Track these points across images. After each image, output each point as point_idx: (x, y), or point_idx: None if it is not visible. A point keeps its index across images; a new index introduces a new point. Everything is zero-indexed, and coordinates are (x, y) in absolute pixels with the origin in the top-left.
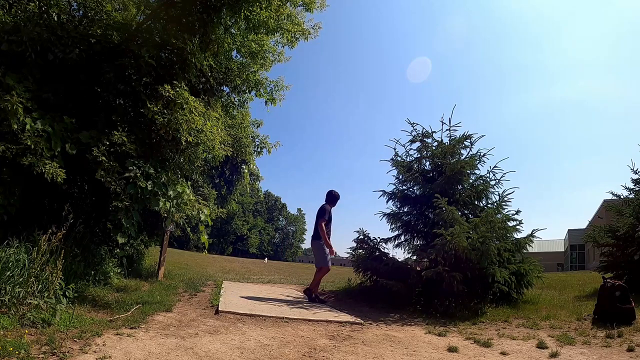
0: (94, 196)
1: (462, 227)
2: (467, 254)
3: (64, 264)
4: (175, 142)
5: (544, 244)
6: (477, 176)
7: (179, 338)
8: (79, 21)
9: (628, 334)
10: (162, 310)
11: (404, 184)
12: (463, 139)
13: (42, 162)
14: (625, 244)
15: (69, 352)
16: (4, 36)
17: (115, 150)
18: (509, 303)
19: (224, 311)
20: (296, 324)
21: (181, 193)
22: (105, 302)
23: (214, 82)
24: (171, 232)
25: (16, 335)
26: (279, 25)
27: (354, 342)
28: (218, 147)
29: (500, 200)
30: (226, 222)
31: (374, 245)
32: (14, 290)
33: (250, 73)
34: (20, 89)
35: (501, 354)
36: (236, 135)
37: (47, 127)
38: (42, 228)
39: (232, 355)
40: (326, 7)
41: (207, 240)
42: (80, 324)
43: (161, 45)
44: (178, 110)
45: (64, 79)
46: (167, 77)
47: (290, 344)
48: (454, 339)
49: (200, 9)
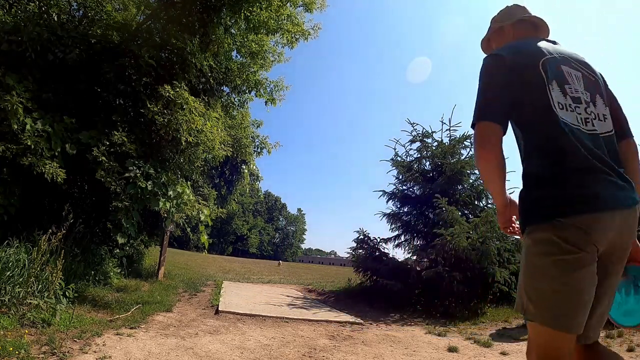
0: (94, 196)
1: (462, 227)
2: (467, 254)
3: (64, 264)
4: (175, 142)
5: None
6: (477, 176)
7: (179, 338)
8: (79, 21)
9: (628, 334)
10: (162, 310)
11: (404, 184)
12: (463, 139)
13: (42, 162)
14: None
15: (69, 352)
16: (4, 36)
17: (115, 150)
18: (509, 303)
19: (224, 311)
20: (296, 324)
21: (181, 193)
22: (105, 302)
23: (214, 82)
24: (171, 232)
25: (16, 335)
26: (279, 25)
27: (354, 342)
28: (218, 147)
29: None
30: (226, 222)
31: (374, 245)
32: (14, 290)
33: (250, 73)
34: (20, 89)
35: (501, 354)
36: (236, 135)
37: (47, 127)
38: (42, 228)
39: (232, 355)
40: (326, 7)
41: (207, 240)
42: (80, 324)
43: (161, 45)
44: (178, 111)
45: (64, 79)
46: (167, 77)
47: (290, 344)
48: (454, 339)
49: (200, 9)
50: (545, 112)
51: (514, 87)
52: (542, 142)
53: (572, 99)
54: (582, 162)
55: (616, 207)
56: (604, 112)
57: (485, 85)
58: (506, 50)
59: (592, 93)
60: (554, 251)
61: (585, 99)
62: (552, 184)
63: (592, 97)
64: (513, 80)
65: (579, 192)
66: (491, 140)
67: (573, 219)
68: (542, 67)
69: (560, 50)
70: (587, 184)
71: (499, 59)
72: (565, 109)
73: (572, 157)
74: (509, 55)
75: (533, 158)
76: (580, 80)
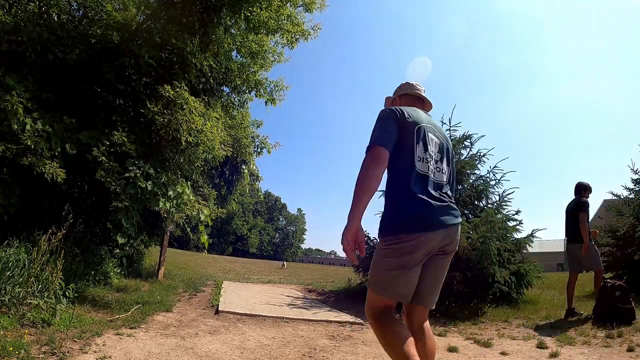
0: (94, 196)
1: (462, 227)
2: (467, 254)
3: (64, 264)
4: (175, 142)
5: (544, 244)
6: (477, 176)
7: (179, 338)
8: (79, 21)
9: (628, 334)
10: (162, 310)
11: None
12: (463, 139)
13: (42, 162)
14: (625, 244)
15: (69, 352)
16: (4, 36)
17: (115, 150)
18: (509, 303)
19: (224, 311)
20: (296, 324)
21: (181, 193)
22: (105, 302)
23: (214, 82)
24: (171, 232)
25: (16, 335)
26: (279, 25)
27: (354, 342)
28: (218, 148)
29: (500, 200)
30: (226, 222)
31: (374, 246)
32: (14, 290)
33: (250, 73)
34: (20, 89)
35: (501, 354)
36: (236, 135)
37: (47, 127)
38: (42, 228)
39: (232, 355)
40: (326, 7)
41: (207, 240)
42: (80, 324)
43: (161, 45)
44: (178, 111)
45: (64, 79)
46: (167, 77)
47: (290, 344)
48: (454, 339)
49: (200, 9)
50: (409, 160)
51: (397, 133)
52: (400, 178)
53: (428, 156)
54: (422, 196)
55: (442, 227)
56: (445, 168)
57: (383, 124)
58: (400, 110)
59: (442, 155)
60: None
61: (435, 158)
62: (400, 209)
63: (441, 158)
64: (398, 129)
65: (423, 215)
66: (383, 162)
67: (410, 235)
68: (417, 130)
69: (431, 122)
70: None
71: (394, 111)
72: (422, 161)
73: (418, 192)
74: (400, 113)
75: (390, 186)
76: (437, 145)
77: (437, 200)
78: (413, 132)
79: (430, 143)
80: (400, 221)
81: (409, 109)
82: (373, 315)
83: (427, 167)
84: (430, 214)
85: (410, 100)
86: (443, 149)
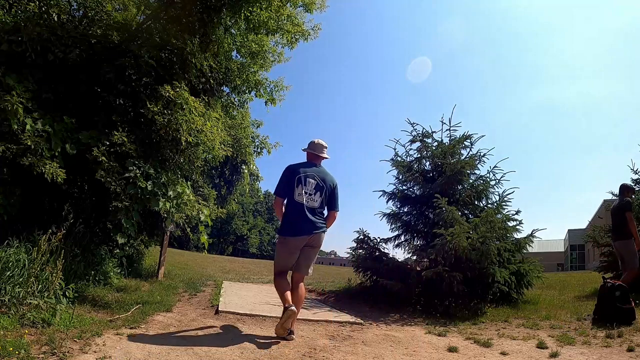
0: (94, 196)
1: (462, 227)
2: (467, 254)
3: (64, 264)
4: (175, 142)
5: (544, 244)
6: (477, 176)
7: (179, 338)
8: (79, 21)
9: (628, 334)
10: (162, 310)
11: (404, 184)
12: (463, 139)
13: (42, 162)
14: None
15: (69, 352)
16: (4, 36)
17: (115, 150)
18: (509, 303)
19: (224, 311)
20: (296, 323)
21: (181, 193)
22: (105, 302)
23: (214, 82)
24: (171, 232)
25: (16, 335)
26: (279, 25)
27: (354, 342)
28: (218, 148)
29: (500, 200)
30: (226, 222)
31: (374, 246)
32: (14, 290)
33: (250, 73)
34: (20, 89)
35: (501, 354)
36: (236, 135)
37: (47, 127)
38: (42, 228)
39: (232, 355)
40: (326, 7)
41: (207, 240)
42: (80, 324)
43: (161, 45)
44: (178, 111)
45: (64, 79)
46: (167, 77)
47: (290, 344)
48: (454, 339)
49: (200, 9)
50: (292, 196)
51: (287, 182)
52: (289, 205)
53: (305, 192)
54: (299, 216)
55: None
56: (318, 200)
57: (282, 177)
58: (294, 166)
59: (316, 191)
60: (283, 247)
61: (310, 193)
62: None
63: (315, 193)
64: (288, 179)
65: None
66: (279, 203)
67: (289, 237)
68: (298, 178)
69: (315, 171)
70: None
71: (290, 168)
72: (301, 196)
73: (296, 214)
74: (292, 168)
75: (286, 209)
76: (313, 185)
77: (305, 219)
78: (295, 179)
79: (307, 184)
80: (285, 229)
81: (299, 164)
82: (275, 275)
83: (302, 198)
84: (300, 226)
85: (310, 156)
86: (318, 187)
